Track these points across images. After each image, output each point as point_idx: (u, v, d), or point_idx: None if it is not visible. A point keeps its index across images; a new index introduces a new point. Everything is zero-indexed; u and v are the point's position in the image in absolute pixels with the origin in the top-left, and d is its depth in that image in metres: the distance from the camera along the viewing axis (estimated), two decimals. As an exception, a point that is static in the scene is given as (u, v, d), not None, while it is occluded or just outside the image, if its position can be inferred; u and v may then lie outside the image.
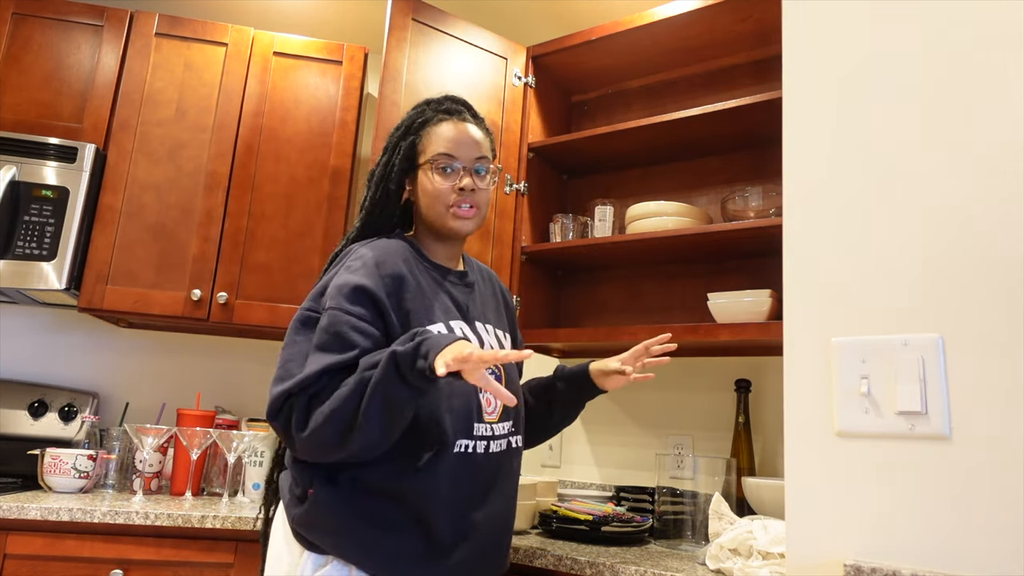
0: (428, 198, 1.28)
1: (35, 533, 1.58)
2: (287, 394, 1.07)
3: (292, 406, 1.07)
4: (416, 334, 1.06)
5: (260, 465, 1.94)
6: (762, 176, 1.93)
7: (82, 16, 2.13)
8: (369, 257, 1.19)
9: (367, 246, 1.23)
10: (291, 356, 1.13)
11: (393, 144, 1.32)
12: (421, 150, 1.30)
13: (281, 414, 1.08)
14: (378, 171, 1.32)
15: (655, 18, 1.90)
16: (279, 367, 1.12)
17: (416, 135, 1.31)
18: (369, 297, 1.14)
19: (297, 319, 1.18)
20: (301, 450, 1.09)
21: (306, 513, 1.12)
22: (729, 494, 1.53)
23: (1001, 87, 0.86)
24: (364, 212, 1.32)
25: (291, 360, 1.12)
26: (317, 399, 1.07)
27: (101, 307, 1.98)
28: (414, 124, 1.32)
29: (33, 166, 1.97)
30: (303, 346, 1.13)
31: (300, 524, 1.13)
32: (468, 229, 1.29)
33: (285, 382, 1.08)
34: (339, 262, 1.24)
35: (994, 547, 0.78)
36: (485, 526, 1.18)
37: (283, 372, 1.11)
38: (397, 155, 1.30)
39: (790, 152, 1.00)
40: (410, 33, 1.91)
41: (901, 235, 0.89)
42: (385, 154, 1.32)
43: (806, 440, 0.91)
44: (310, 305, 1.18)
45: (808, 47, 1.01)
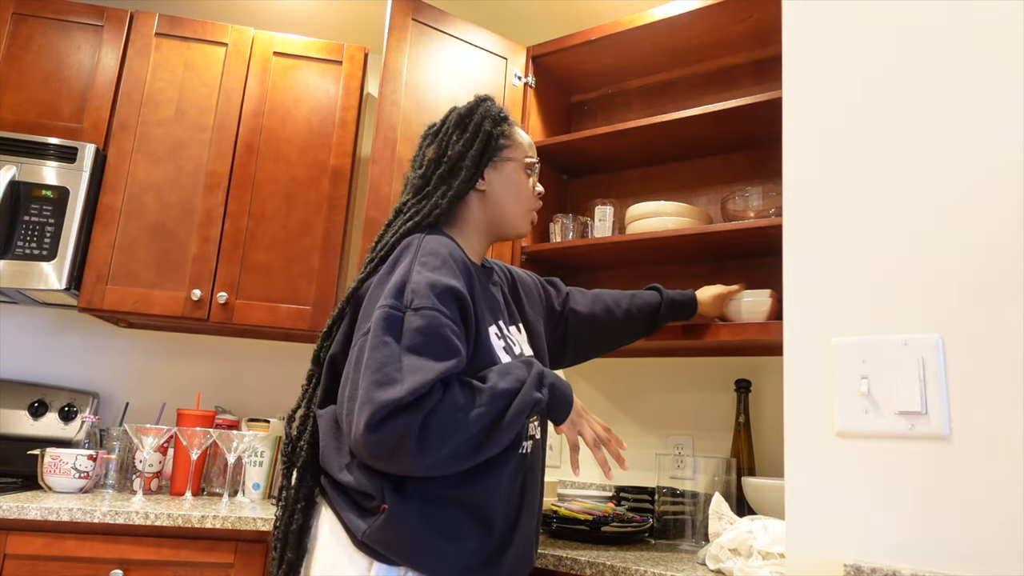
0: (517, 192, 1.30)
1: (35, 533, 1.57)
2: (397, 403, 0.97)
3: (405, 417, 0.98)
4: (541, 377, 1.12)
5: (260, 465, 1.94)
6: (762, 176, 1.93)
7: (82, 16, 2.13)
8: (446, 254, 1.14)
9: (436, 241, 1.17)
10: (386, 359, 1.01)
11: (488, 131, 1.28)
12: (508, 144, 1.31)
13: (390, 422, 0.97)
14: (472, 154, 1.26)
15: (655, 18, 1.90)
16: (374, 371, 1.00)
17: (502, 127, 1.30)
18: (458, 299, 1.10)
19: (382, 318, 1.05)
20: (408, 465, 1.00)
21: (382, 528, 1.05)
22: (729, 494, 1.53)
23: (1002, 87, 0.86)
24: (453, 193, 1.25)
25: (387, 363, 1.01)
26: (437, 413, 0.99)
27: (101, 307, 1.98)
28: (498, 116, 1.31)
29: (33, 166, 1.97)
30: (394, 348, 1.03)
31: (374, 539, 1.06)
32: (528, 232, 1.37)
33: (391, 388, 0.98)
34: (405, 256, 1.15)
35: (994, 547, 0.78)
36: (528, 523, 1.20)
37: (382, 376, 1.00)
38: (492, 142, 1.28)
39: (790, 152, 1.00)
40: (410, 33, 1.91)
41: (901, 235, 0.89)
42: (477, 138, 1.27)
43: (806, 440, 0.91)
44: (393, 303, 1.07)
45: (808, 47, 1.01)
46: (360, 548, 1.07)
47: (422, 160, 1.31)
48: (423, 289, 1.07)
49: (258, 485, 1.93)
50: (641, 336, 1.65)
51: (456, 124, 1.30)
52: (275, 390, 2.36)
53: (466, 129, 1.28)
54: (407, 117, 1.87)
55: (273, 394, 2.35)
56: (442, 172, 1.26)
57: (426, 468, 1.01)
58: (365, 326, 1.09)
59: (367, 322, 1.09)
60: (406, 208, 1.27)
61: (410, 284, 1.09)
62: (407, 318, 1.06)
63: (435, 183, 1.26)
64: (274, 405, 2.33)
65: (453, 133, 1.29)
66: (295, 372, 2.39)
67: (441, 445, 1.00)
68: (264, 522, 1.61)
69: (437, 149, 1.29)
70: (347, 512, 1.09)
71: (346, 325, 1.20)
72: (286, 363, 2.39)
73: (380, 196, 1.81)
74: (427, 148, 1.31)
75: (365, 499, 1.08)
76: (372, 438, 0.98)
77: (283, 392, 2.36)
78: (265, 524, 1.61)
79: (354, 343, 1.11)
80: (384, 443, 0.98)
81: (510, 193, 1.30)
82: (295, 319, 2.06)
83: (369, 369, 1.01)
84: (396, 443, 0.98)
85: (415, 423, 0.98)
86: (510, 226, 1.32)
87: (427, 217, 1.23)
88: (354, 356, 1.08)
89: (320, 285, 2.09)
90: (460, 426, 1.01)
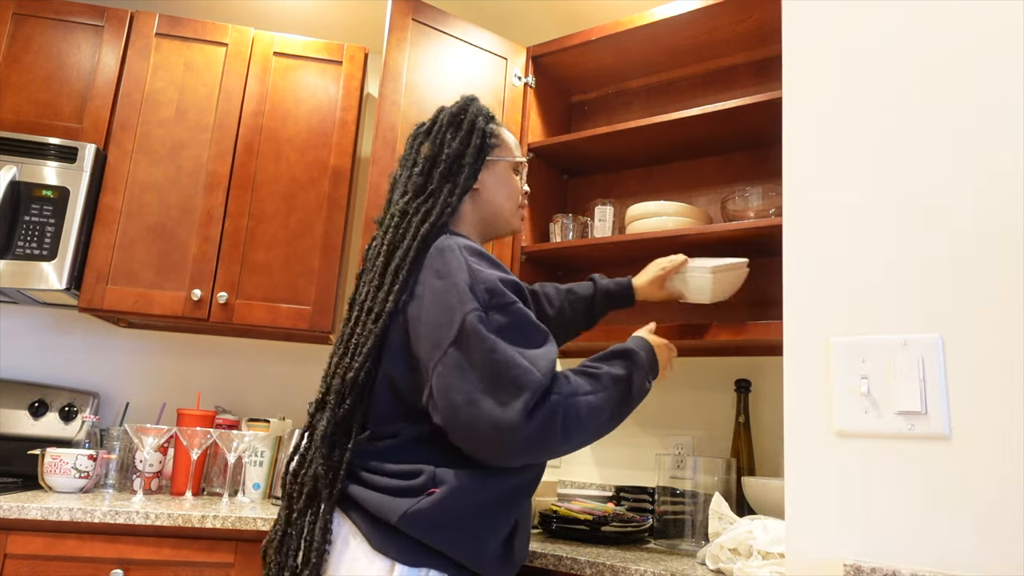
0: (506, 193, 1.34)
1: (35, 533, 1.58)
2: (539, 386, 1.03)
3: (548, 405, 1.04)
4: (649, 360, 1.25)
5: (260, 465, 1.94)
6: (762, 176, 1.93)
7: (82, 16, 2.13)
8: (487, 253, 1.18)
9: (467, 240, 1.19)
10: (504, 361, 1.03)
11: (482, 129, 1.30)
12: (498, 144, 1.34)
13: (539, 411, 1.02)
14: (471, 152, 1.28)
15: (655, 18, 1.90)
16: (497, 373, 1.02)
17: (491, 127, 1.33)
18: (521, 291, 1.16)
19: (477, 322, 1.06)
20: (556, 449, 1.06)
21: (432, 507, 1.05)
22: (729, 494, 1.53)
23: (1003, 87, 0.86)
24: (460, 192, 1.26)
25: (509, 365, 1.03)
26: (574, 398, 1.08)
27: (101, 307, 1.98)
28: (489, 116, 1.33)
29: (33, 166, 1.97)
30: (503, 348, 1.05)
31: (414, 520, 1.05)
32: (520, 229, 1.42)
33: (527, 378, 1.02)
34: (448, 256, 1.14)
35: (994, 547, 0.78)
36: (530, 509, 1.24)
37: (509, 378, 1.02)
38: (488, 141, 1.31)
39: (790, 152, 1.00)
40: (410, 33, 1.91)
41: (901, 235, 0.89)
42: (473, 136, 1.29)
43: (806, 440, 0.91)
44: (475, 307, 1.07)
45: (808, 47, 1.01)
46: (380, 550, 1.05)
47: (415, 159, 1.29)
48: (496, 286, 1.10)
49: (258, 485, 1.93)
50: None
51: (449, 123, 1.30)
52: (275, 390, 2.36)
53: (460, 127, 1.29)
54: (407, 117, 1.87)
55: (273, 394, 2.35)
56: (443, 170, 1.25)
57: (570, 449, 1.09)
58: (448, 335, 1.07)
59: (447, 330, 1.07)
60: (413, 209, 1.23)
61: (479, 284, 1.09)
62: (492, 318, 1.07)
63: (438, 181, 1.25)
64: (274, 405, 2.33)
65: (447, 131, 1.29)
66: (295, 372, 2.39)
67: (581, 428, 1.08)
68: (264, 522, 1.61)
69: (432, 147, 1.28)
70: (381, 500, 1.07)
71: (397, 342, 1.15)
72: (286, 363, 2.39)
73: (380, 196, 1.81)
74: (421, 147, 1.30)
75: (409, 480, 1.08)
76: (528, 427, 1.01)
77: (283, 392, 2.36)
78: (265, 524, 1.61)
79: (440, 354, 1.07)
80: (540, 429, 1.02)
81: (502, 191, 1.33)
82: (295, 319, 2.06)
83: (489, 375, 1.03)
84: (547, 428, 1.03)
85: (560, 408, 1.05)
86: (503, 224, 1.35)
87: (440, 216, 1.21)
88: (450, 365, 1.05)
89: (320, 285, 2.09)
90: (595, 409, 1.10)
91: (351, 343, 1.17)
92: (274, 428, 2.00)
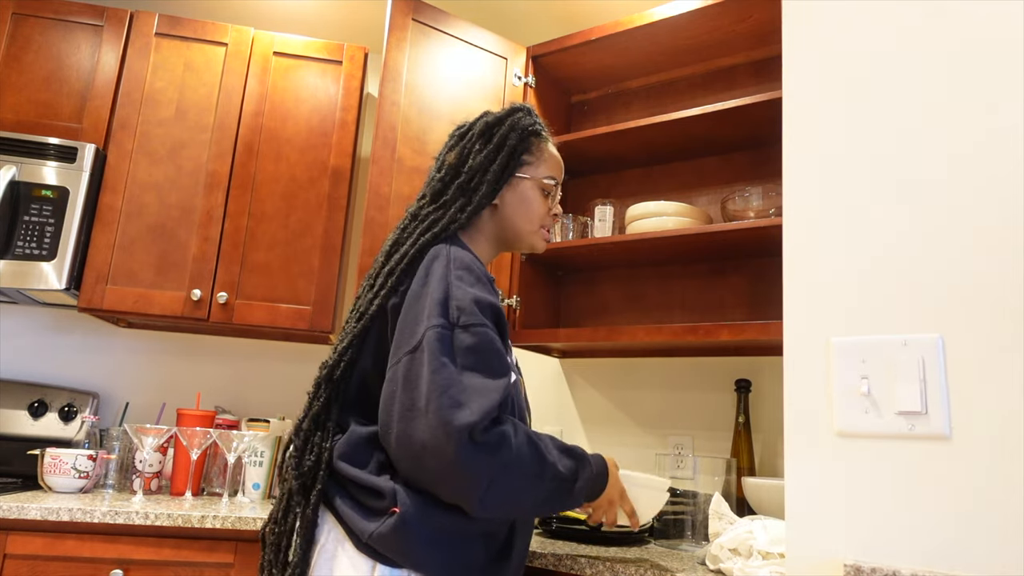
0: (528, 213, 1.30)
1: (35, 533, 1.57)
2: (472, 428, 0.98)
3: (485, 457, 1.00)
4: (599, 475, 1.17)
5: (260, 465, 1.94)
6: (762, 176, 1.93)
7: (82, 16, 2.13)
8: (477, 269, 1.14)
9: (463, 254, 1.16)
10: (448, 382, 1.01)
11: (512, 147, 1.27)
12: (530, 162, 1.30)
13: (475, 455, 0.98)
14: (496, 168, 1.25)
15: (655, 18, 1.90)
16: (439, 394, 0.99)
17: (528, 143, 1.29)
18: (498, 316, 1.12)
19: (435, 339, 1.04)
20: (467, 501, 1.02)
21: (391, 531, 1.03)
22: (729, 494, 1.53)
23: (1003, 87, 0.86)
24: (474, 206, 1.24)
25: (451, 386, 1.00)
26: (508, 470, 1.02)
27: (101, 307, 1.98)
28: (526, 130, 1.29)
29: (33, 166, 1.97)
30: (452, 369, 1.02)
31: (380, 542, 1.04)
32: (543, 249, 1.36)
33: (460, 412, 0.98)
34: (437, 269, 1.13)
35: (994, 547, 0.78)
36: (528, 524, 1.21)
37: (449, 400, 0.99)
38: (515, 159, 1.28)
39: (790, 152, 1.00)
40: (410, 33, 1.91)
41: (901, 235, 0.89)
42: (502, 151, 1.26)
43: (806, 440, 0.91)
44: (441, 322, 1.06)
45: (808, 47, 1.01)
46: (362, 550, 1.06)
47: (442, 163, 1.30)
48: (469, 305, 1.07)
49: (258, 485, 1.93)
50: None
51: (481, 133, 1.28)
52: (275, 390, 2.36)
53: (490, 140, 1.27)
54: (407, 117, 1.87)
55: (273, 394, 2.35)
56: (461, 182, 1.24)
57: (479, 512, 1.03)
58: (409, 343, 1.07)
59: (409, 338, 1.07)
60: (423, 215, 1.24)
61: (453, 300, 1.08)
62: (456, 336, 1.05)
63: (453, 192, 1.24)
64: (274, 405, 2.33)
65: (477, 142, 1.27)
66: (295, 372, 2.39)
67: (502, 503, 1.04)
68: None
69: (459, 156, 1.27)
70: (352, 513, 1.08)
71: (374, 340, 1.16)
72: (286, 363, 2.39)
73: (380, 196, 1.81)
74: (450, 151, 1.30)
75: (375, 498, 1.07)
76: (463, 451, 0.97)
77: (283, 392, 2.36)
78: (265, 524, 1.61)
79: (395, 360, 1.08)
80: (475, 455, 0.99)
81: (521, 212, 1.29)
82: (295, 319, 2.06)
83: (434, 392, 1.00)
84: (471, 478, 0.99)
85: (490, 470, 1.00)
86: (522, 241, 1.32)
87: (445, 231, 1.21)
88: (400, 374, 1.05)
89: (320, 285, 2.09)
90: (522, 493, 1.05)
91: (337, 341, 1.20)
92: (274, 428, 2.00)
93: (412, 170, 1.87)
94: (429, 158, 1.89)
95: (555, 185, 1.34)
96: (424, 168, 1.88)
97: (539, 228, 1.32)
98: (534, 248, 1.34)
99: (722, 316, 1.91)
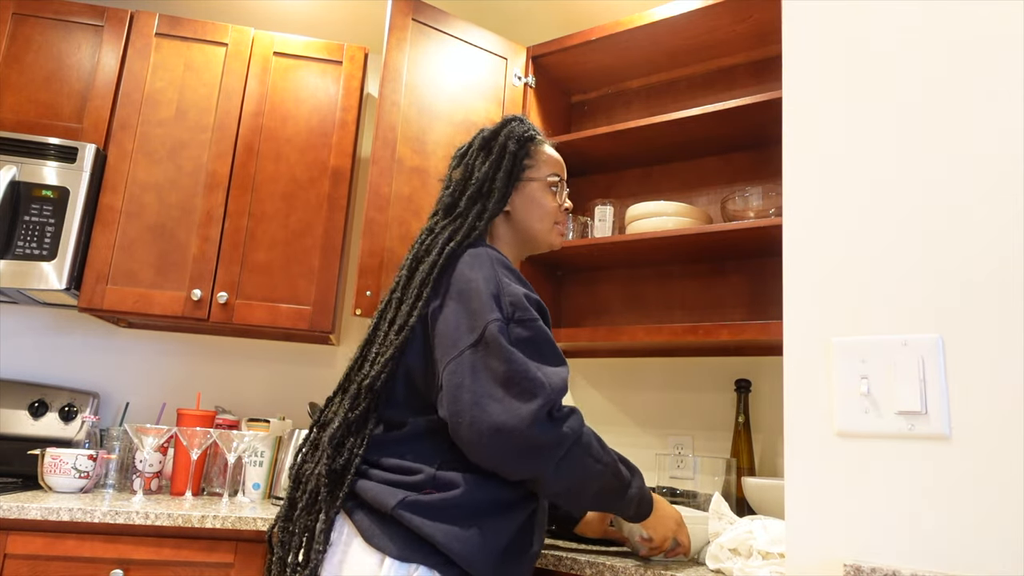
0: (540, 212, 1.35)
1: (35, 533, 1.57)
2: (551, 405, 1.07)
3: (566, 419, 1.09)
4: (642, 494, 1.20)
5: (260, 465, 1.94)
6: (762, 176, 1.93)
7: (82, 16, 2.13)
8: (516, 271, 1.21)
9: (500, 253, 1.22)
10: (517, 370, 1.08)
11: (513, 153, 1.33)
12: (532, 165, 1.36)
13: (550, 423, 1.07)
14: (502, 176, 1.31)
15: (655, 18, 1.90)
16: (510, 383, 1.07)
17: (526, 148, 1.35)
18: (544, 312, 1.19)
19: (498, 331, 1.10)
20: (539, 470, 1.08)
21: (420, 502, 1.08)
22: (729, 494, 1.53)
23: (1003, 87, 0.86)
24: (488, 215, 1.29)
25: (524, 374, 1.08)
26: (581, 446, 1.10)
27: (101, 307, 1.98)
28: (522, 137, 1.35)
29: (33, 166, 1.97)
30: (519, 359, 1.09)
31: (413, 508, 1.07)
32: (560, 245, 1.41)
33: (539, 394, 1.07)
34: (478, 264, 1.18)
35: (994, 547, 0.78)
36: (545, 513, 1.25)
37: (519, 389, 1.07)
38: (517, 164, 1.33)
39: (790, 152, 1.00)
40: (410, 33, 1.91)
41: (901, 235, 0.89)
42: (504, 159, 1.32)
43: (806, 440, 0.91)
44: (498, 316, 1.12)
45: (808, 47, 1.01)
46: (371, 544, 1.07)
47: (449, 180, 1.36)
48: (521, 301, 1.14)
49: (258, 485, 1.93)
50: None
51: (480, 147, 1.35)
52: (275, 390, 2.36)
53: (491, 151, 1.33)
54: (407, 117, 1.87)
55: (273, 394, 2.35)
56: (471, 193, 1.30)
57: (552, 481, 1.10)
58: (469, 337, 1.11)
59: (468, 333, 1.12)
60: (439, 228, 1.28)
61: (505, 296, 1.14)
62: (512, 330, 1.12)
63: (466, 204, 1.29)
64: (274, 405, 2.33)
65: (478, 156, 1.34)
66: (295, 372, 2.39)
67: (573, 474, 1.09)
68: (264, 522, 1.61)
69: (464, 171, 1.33)
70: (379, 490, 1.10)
71: (420, 344, 1.19)
72: (286, 363, 2.39)
73: (380, 196, 1.81)
74: (455, 170, 1.36)
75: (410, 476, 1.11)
76: (533, 432, 1.04)
77: (283, 392, 2.36)
78: (265, 524, 1.61)
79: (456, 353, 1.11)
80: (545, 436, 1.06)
81: (533, 213, 1.34)
82: (295, 319, 2.06)
83: (505, 381, 1.07)
84: (553, 440, 1.07)
85: (574, 430, 1.09)
86: (540, 241, 1.37)
87: (467, 238, 1.25)
88: (465, 367, 1.10)
89: (320, 285, 2.09)
90: (590, 470, 1.11)
91: (371, 352, 1.21)
92: (274, 428, 2.00)
93: (412, 170, 1.87)
94: (429, 158, 1.89)
95: (560, 181, 1.39)
96: (424, 168, 1.88)
97: (553, 225, 1.37)
98: (552, 245, 1.39)
99: (722, 316, 1.91)
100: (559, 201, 1.39)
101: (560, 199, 1.39)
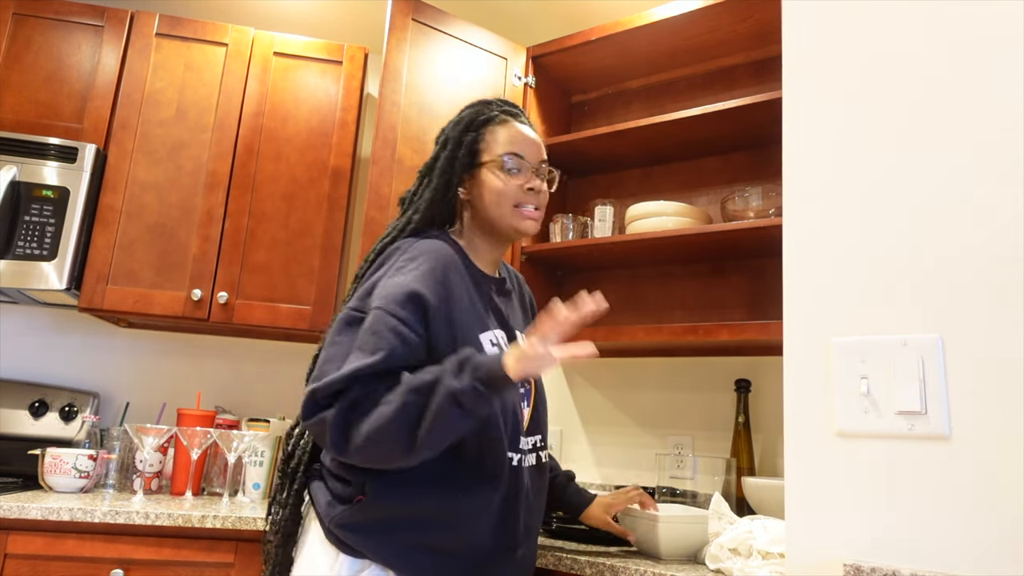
0: (494, 196, 1.25)
1: (35, 533, 1.58)
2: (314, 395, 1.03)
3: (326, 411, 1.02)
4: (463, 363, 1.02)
5: (260, 465, 1.94)
6: (762, 176, 1.93)
7: (82, 16, 2.13)
8: (423, 259, 1.15)
9: (418, 245, 1.18)
10: (330, 356, 1.07)
11: (456, 138, 1.28)
12: (484, 148, 1.28)
13: (315, 417, 1.03)
14: (440, 164, 1.27)
15: (655, 18, 1.90)
16: (317, 367, 1.09)
17: (478, 132, 1.28)
18: (421, 304, 1.09)
19: (342, 319, 1.12)
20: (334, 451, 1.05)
21: (351, 516, 1.10)
22: (729, 494, 1.53)
23: (1002, 87, 0.86)
24: (424, 205, 1.26)
25: (329, 360, 1.07)
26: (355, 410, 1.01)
27: (101, 307, 1.98)
28: (475, 121, 1.29)
29: (33, 166, 1.97)
30: (344, 347, 1.07)
31: (341, 525, 1.10)
32: (533, 230, 1.28)
33: (317, 382, 1.04)
34: (389, 259, 1.18)
35: (994, 547, 0.78)
36: (527, 539, 1.21)
37: (318, 372, 1.07)
38: (460, 150, 1.27)
39: (790, 152, 1.00)
40: (410, 33, 1.91)
41: (901, 235, 0.89)
42: (446, 148, 1.28)
43: (806, 440, 0.91)
44: (357, 305, 1.12)
45: (808, 47, 1.01)
46: (328, 538, 1.11)
47: None
48: (383, 291, 1.11)
49: (258, 485, 1.93)
50: None
51: (436, 140, 1.34)
52: (275, 390, 2.36)
53: (439, 142, 1.32)
54: (407, 117, 1.87)
55: (273, 394, 2.35)
56: (422, 185, 1.30)
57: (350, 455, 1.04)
58: None
59: None
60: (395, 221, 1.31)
61: (377, 288, 1.13)
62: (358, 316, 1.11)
63: (410, 197, 1.31)
64: (274, 405, 2.33)
65: (436, 146, 1.33)
66: (295, 372, 2.38)
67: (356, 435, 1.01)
68: (264, 522, 1.61)
69: (424, 164, 1.33)
70: (324, 500, 1.14)
71: None
72: (286, 363, 2.39)
73: (380, 196, 1.81)
74: None
75: (344, 486, 1.12)
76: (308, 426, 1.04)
77: (283, 392, 2.36)
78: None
79: None
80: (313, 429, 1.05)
81: (491, 195, 1.26)
82: (295, 319, 2.06)
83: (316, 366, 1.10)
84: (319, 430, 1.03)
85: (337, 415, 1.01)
86: (503, 226, 1.26)
87: (402, 232, 1.25)
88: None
89: (320, 285, 2.09)
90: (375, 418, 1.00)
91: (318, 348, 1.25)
92: (274, 428, 2.00)
93: (412, 170, 1.87)
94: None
95: (519, 158, 1.27)
96: (424, 168, 1.87)
97: (513, 208, 1.26)
98: (519, 230, 1.27)
99: (722, 316, 1.91)
100: (521, 181, 1.26)
101: (523, 178, 1.26)
